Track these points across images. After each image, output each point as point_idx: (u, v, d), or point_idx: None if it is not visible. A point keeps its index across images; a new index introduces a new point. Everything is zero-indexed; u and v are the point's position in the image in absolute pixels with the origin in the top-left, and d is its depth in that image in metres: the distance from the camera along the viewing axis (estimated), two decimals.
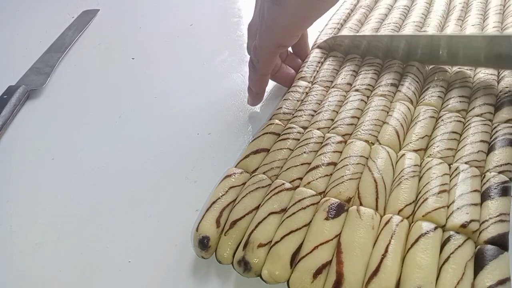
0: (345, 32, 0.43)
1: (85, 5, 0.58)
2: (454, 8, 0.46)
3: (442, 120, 0.32)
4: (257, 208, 0.27)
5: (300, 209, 0.26)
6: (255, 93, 0.36)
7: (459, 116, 0.32)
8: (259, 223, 0.26)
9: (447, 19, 0.44)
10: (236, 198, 0.28)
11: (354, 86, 0.36)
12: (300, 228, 0.25)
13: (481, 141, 0.30)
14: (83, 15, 0.57)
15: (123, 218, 0.30)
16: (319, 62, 0.39)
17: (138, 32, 0.52)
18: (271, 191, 0.28)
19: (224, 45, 0.48)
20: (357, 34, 0.42)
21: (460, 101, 0.33)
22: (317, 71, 0.38)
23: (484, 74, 0.35)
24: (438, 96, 0.34)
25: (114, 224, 0.30)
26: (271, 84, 0.41)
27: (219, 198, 0.28)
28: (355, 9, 0.46)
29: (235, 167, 0.30)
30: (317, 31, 0.45)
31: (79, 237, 0.29)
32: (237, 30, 0.51)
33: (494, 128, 0.31)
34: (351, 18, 0.45)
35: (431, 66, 0.38)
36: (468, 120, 0.32)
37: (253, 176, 0.29)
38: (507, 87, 0.34)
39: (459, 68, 0.36)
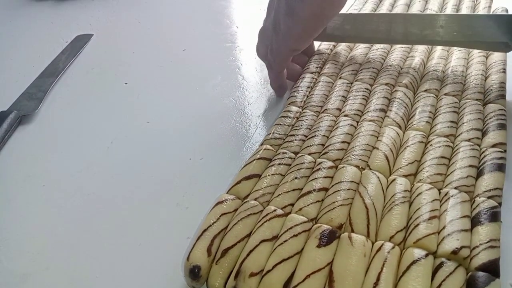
0: (335, 57, 0.44)
1: (79, 30, 0.59)
2: None
3: (431, 145, 0.32)
4: (249, 235, 0.27)
5: (292, 237, 0.26)
6: (277, 88, 0.42)
7: (447, 141, 0.33)
8: (250, 251, 0.26)
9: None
10: (228, 225, 0.28)
11: (343, 111, 0.37)
12: (292, 256, 0.25)
13: (470, 166, 0.30)
14: (77, 40, 0.57)
15: (114, 247, 0.30)
16: (309, 87, 0.40)
17: (131, 57, 0.53)
18: (262, 217, 0.28)
19: (216, 70, 0.48)
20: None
21: (448, 126, 0.34)
22: (308, 96, 0.39)
23: (470, 100, 0.36)
24: (426, 122, 0.34)
25: (104, 253, 0.29)
26: (264, 109, 0.42)
27: (210, 225, 0.27)
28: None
29: (227, 193, 0.30)
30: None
31: (68, 267, 0.29)
32: (230, 55, 0.51)
33: (482, 153, 0.32)
34: (340, 44, 0.46)
35: (417, 92, 0.38)
36: (456, 145, 0.32)
37: (244, 202, 0.29)
38: (492, 112, 0.35)
39: (445, 95, 0.37)
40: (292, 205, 0.29)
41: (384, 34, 0.42)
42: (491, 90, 0.37)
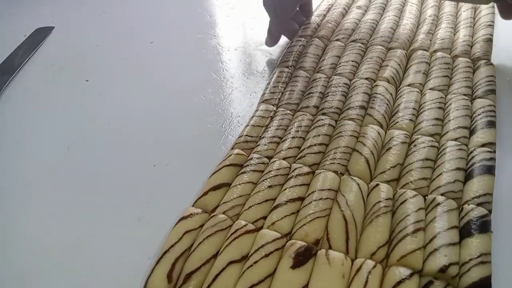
0: (311, 49, 0.40)
1: (39, 22, 0.55)
2: (424, 21, 0.44)
3: (415, 145, 0.30)
4: (216, 256, 0.24)
5: (263, 257, 0.24)
6: (275, 35, 0.43)
7: (432, 141, 0.30)
8: (217, 276, 0.23)
9: (417, 32, 0.43)
10: (193, 244, 0.25)
11: (321, 109, 0.34)
12: (263, 280, 0.23)
13: (457, 168, 0.28)
14: (36, 33, 0.53)
15: (66, 268, 0.27)
16: (283, 83, 0.37)
17: (94, 50, 0.49)
18: (231, 234, 0.25)
19: (186, 65, 0.45)
20: None
21: (433, 124, 0.31)
22: (282, 93, 0.36)
23: (457, 95, 0.34)
24: (410, 119, 0.32)
25: (56, 275, 0.26)
26: (238, 106, 0.38)
27: (172, 246, 0.24)
28: (322, 24, 0.44)
29: (193, 206, 0.27)
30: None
31: None
32: (201, 47, 0.48)
33: (470, 153, 0.29)
34: (317, 33, 0.43)
35: (400, 86, 0.36)
36: (442, 145, 0.30)
37: (211, 217, 0.26)
38: (480, 108, 0.32)
39: (430, 89, 0.34)
40: (265, 218, 0.26)
41: None
42: (480, 84, 0.34)
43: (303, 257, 0.23)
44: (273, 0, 0.42)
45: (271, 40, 0.43)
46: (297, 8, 0.46)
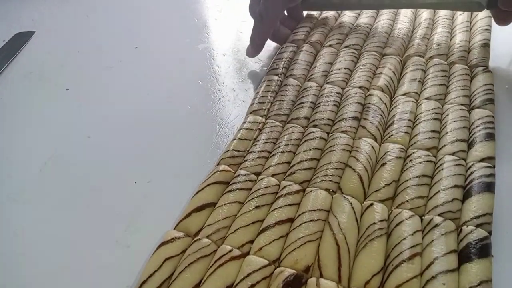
0: (302, 56, 0.39)
1: (20, 27, 0.52)
2: (420, 25, 0.42)
3: (411, 160, 0.28)
4: (199, 285, 0.23)
5: (249, 287, 0.22)
6: (258, 44, 0.40)
7: (429, 156, 0.29)
8: None
9: (412, 37, 0.41)
10: (174, 272, 0.23)
11: (312, 121, 0.32)
12: None
13: (455, 186, 0.26)
14: (16, 39, 0.51)
15: None
16: (272, 92, 0.35)
17: (76, 57, 0.47)
18: (215, 261, 0.23)
19: (172, 72, 0.43)
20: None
21: (429, 137, 0.30)
22: (271, 103, 0.34)
23: (454, 105, 0.32)
24: (405, 132, 0.30)
25: None
26: (226, 115, 0.36)
27: (151, 275, 0.23)
28: (315, 28, 0.43)
29: (174, 229, 0.26)
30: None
31: None
32: (188, 53, 0.46)
33: (468, 168, 0.28)
34: (309, 38, 0.41)
35: (395, 95, 0.34)
36: (439, 160, 0.28)
37: (194, 241, 0.25)
38: (479, 119, 0.31)
39: (426, 99, 0.33)
40: (252, 242, 0.25)
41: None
42: (478, 93, 0.33)
43: (292, 287, 0.22)
44: (258, 5, 0.39)
45: (253, 49, 0.41)
46: (285, 13, 0.43)
